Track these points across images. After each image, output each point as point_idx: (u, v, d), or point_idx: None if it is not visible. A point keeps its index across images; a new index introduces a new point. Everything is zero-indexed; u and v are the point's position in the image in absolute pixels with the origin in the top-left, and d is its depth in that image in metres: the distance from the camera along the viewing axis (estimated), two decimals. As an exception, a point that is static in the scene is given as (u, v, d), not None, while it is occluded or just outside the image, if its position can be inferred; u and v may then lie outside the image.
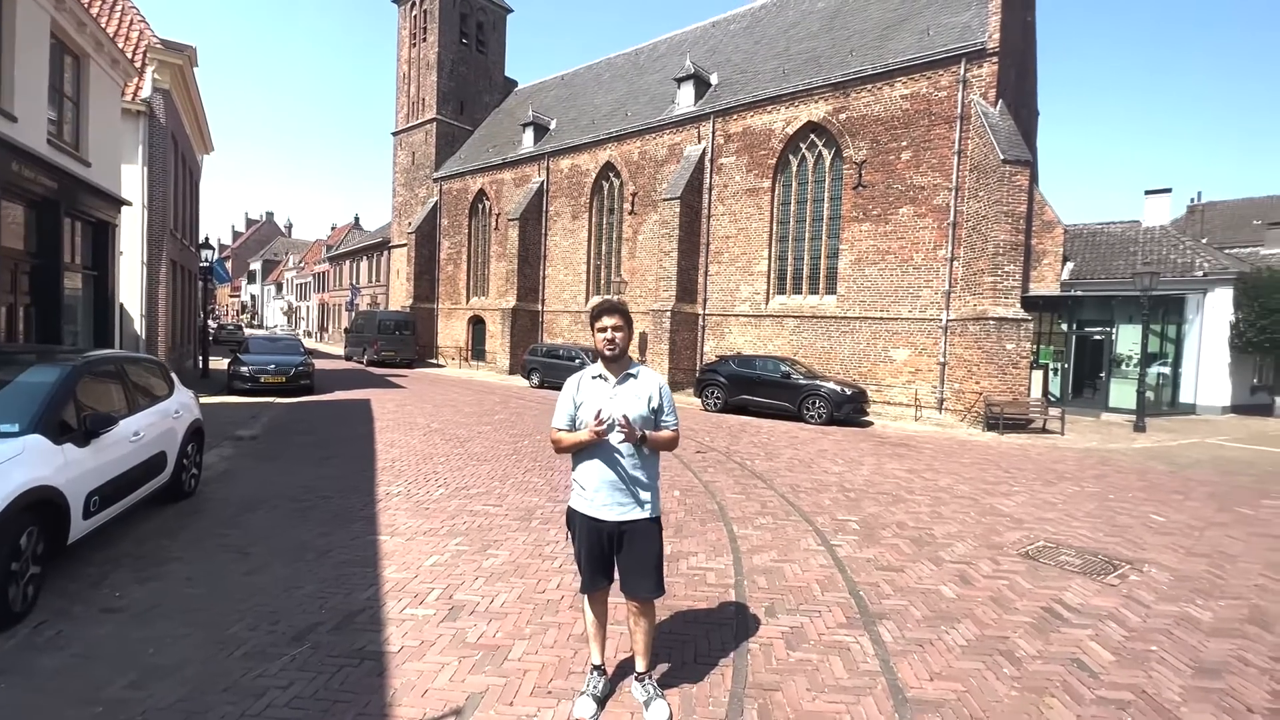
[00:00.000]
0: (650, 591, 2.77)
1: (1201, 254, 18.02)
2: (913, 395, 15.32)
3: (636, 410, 2.72)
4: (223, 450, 8.14)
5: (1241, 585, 4.61)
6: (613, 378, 2.80)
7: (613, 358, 2.78)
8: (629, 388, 2.78)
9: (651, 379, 2.83)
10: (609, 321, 2.75)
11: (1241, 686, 3.17)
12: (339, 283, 45.91)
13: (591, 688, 2.85)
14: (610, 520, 2.74)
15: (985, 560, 4.94)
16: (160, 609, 3.65)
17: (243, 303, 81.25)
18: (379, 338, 24.99)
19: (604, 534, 2.76)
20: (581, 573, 2.87)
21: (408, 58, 31.70)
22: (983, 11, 14.85)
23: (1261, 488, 8.23)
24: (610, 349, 2.76)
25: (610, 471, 2.73)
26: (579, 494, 2.82)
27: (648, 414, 2.75)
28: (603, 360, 2.82)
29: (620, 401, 2.73)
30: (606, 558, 2.82)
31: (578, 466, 2.84)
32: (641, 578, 2.76)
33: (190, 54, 14.51)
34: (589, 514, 2.77)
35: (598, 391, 2.79)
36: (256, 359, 14.72)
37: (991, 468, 9.00)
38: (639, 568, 2.76)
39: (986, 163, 13.99)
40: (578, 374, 2.91)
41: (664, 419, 2.81)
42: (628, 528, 2.75)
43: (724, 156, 19.25)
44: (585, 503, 2.78)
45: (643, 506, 2.76)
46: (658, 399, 2.79)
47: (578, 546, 2.86)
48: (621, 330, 2.76)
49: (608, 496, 2.73)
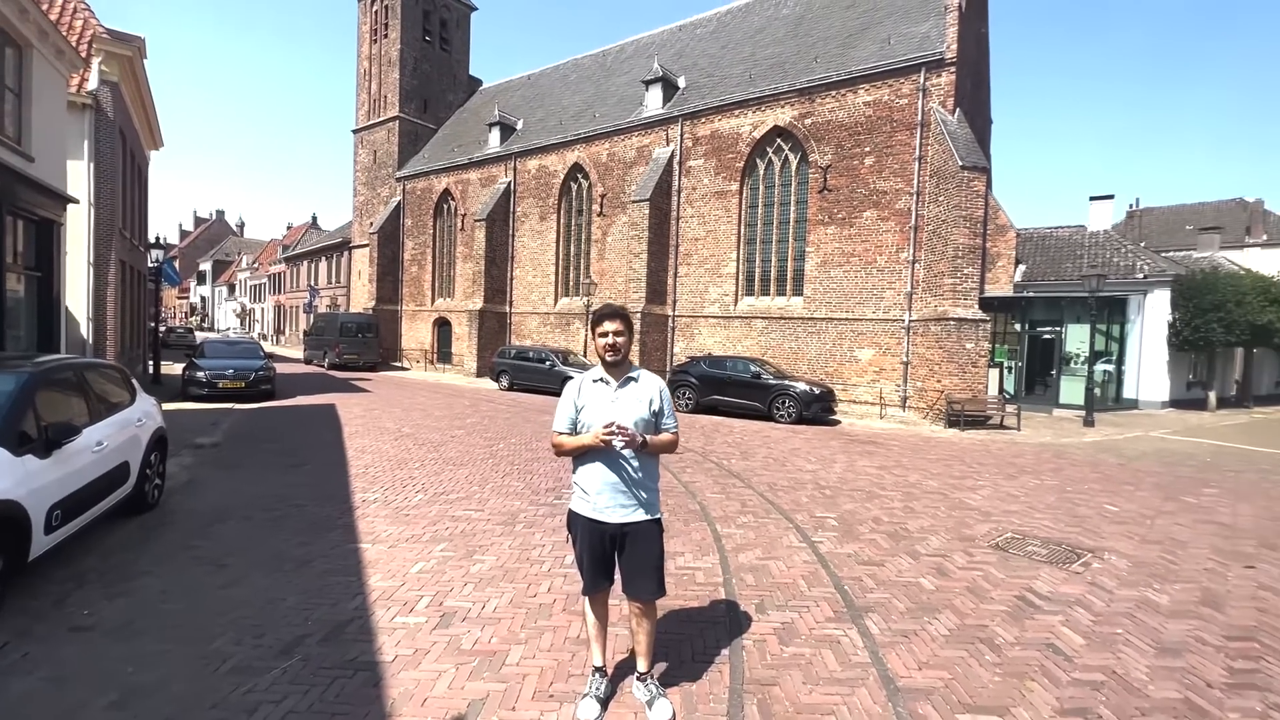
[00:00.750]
0: (652, 593, 2.81)
1: (1141, 257, 19.04)
2: (878, 394, 15.75)
3: (638, 414, 2.75)
4: (183, 459, 7.81)
5: (1193, 569, 4.91)
6: (614, 381, 2.82)
7: (614, 362, 2.80)
8: (630, 391, 2.81)
9: (652, 382, 2.87)
10: (610, 326, 2.77)
11: (1200, 664, 3.39)
12: (296, 284, 44.47)
13: (594, 689, 2.86)
14: (613, 522, 2.76)
15: (959, 552, 5.13)
16: (134, 626, 3.50)
17: (192, 305, 77.93)
18: (341, 340, 24.32)
19: (606, 536, 2.78)
20: (583, 575, 2.89)
21: (368, 54, 30.97)
22: (941, 23, 15.39)
23: (1202, 477, 8.77)
24: (611, 354, 2.78)
25: (612, 474, 2.75)
26: (581, 497, 2.83)
27: (649, 417, 2.79)
28: (604, 365, 2.84)
29: (622, 405, 2.75)
30: (608, 559, 2.84)
31: (579, 470, 2.84)
32: (644, 579, 2.79)
33: (139, 45, 13.88)
34: (591, 517, 2.78)
35: (599, 395, 2.81)
36: (213, 363, 14.17)
37: (956, 463, 9.34)
38: (641, 569, 2.79)
39: (946, 169, 14.50)
40: (579, 377, 2.93)
41: (664, 422, 2.85)
42: (630, 529, 2.77)
43: (692, 159, 19.42)
44: (587, 506, 2.79)
45: (645, 508, 2.79)
46: (659, 402, 2.83)
47: (579, 549, 2.87)
48: (623, 335, 2.78)
49: (610, 499, 2.75)
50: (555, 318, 23.24)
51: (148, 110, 16.52)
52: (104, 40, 12.50)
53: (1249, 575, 4.83)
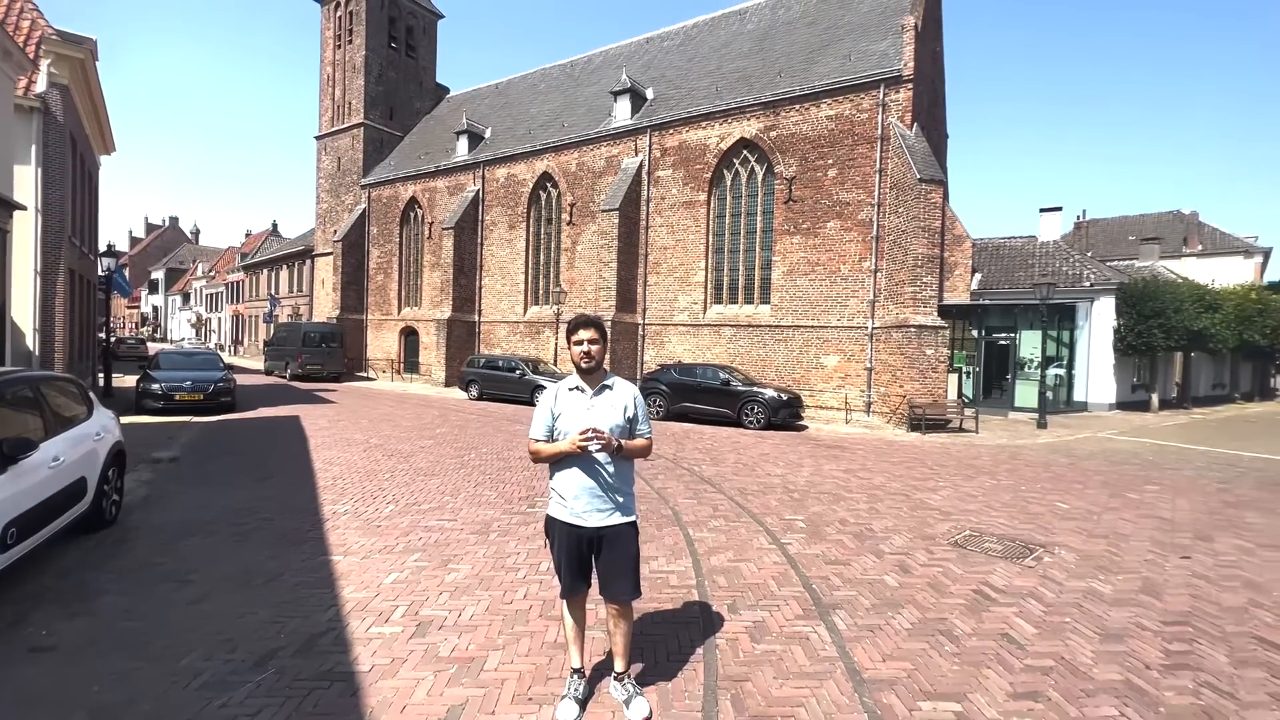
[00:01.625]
0: (629, 594, 2.89)
1: (1088, 267, 20.01)
2: (843, 399, 16.15)
3: (613, 420, 2.84)
4: (140, 474, 7.56)
5: (1134, 561, 5.22)
6: (590, 389, 2.90)
7: (588, 370, 2.89)
8: (605, 398, 2.89)
9: (626, 389, 2.96)
10: (585, 335, 2.85)
11: (1140, 648, 3.63)
12: (256, 293, 43.26)
13: (572, 690, 2.92)
14: (590, 526, 2.83)
15: (920, 550, 5.35)
16: (98, 645, 3.41)
17: (143, 315, 74.92)
18: (304, 350, 23.78)
19: (584, 540, 2.86)
20: (561, 579, 2.95)
21: (332, 59, 30.51)
22: (898, 41, 15.99)
23: (1145, 475, 9.27)
24: (586, 362, 2.86)
25: (589, 479, 2.83)
26: (558, 502, 2.90)
27: (624, 423, 2.88)
28: (579, 372, 2.93)
29: (597, 412, 2.84)
30: (585, 563, 2.91)
31: (556, 475, 2.91)
32: (621, 581, 2.87)
33: (90, 47, 13.43)
34: (569, 521, 2.85)
35: (575, 403, 2.89)
36: (169, 375, 13.72)
37: (918, 466, 9.66)
38: (618, 571, 2.87)
39: (905, 181, 15.04)
40: (554, 386, 3.00)
41: (639, 428, 2.94)
42: (606, 532, 2.85)
43: (661, 169, 19.68)
44: (565, 510, 2.87)
45: (621, 511, 2.87)
46: (633, 409, 2.92)
47: (557, 554, 2.94)
48: (597, 344, 2.87)
49: (587, 503, 2.83)
50: (525, 326, 23.17)
51: (99, 114, 15.97)
52: (53, 42, 12.09)
53: (1184, 565, 5.15)
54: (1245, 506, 7.38)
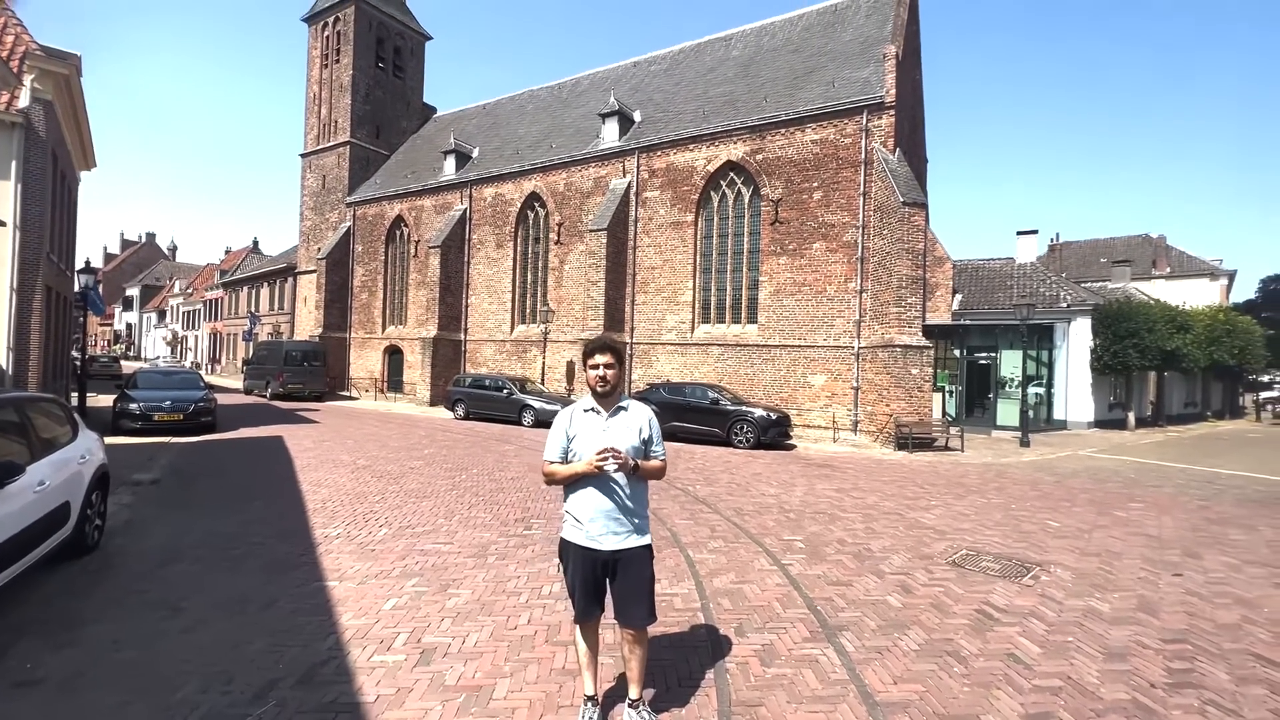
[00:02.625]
0: (644, 619, 2.85)
1: (1064, 288, 20.53)
2: (830, 418, 16.26)
3: (629, 442, 2.83)
4: (121, 498, 7.33)
5: (1128, 579, 5.29)
6: (605, 411, 2.90)
7: (604, 393, 2.89)
8: (620, 420, 2.89)
9: (642, 411, 2.96)
10: (601, 359, 2.86)
11: (1144, 666, 3.67)
12: (236, 310, 42.57)
13: (586, 718, 2.87)
14: (606, 549, 2.81)
15: (920, 570, 5.37)
16: (87, 678, 3.28)
17: (116, 332, 73.23)
18: (285, 369, 23.39)
19: (599, 563, 2.83)
20: (575, 603, 2.91)
21: (319, 78, 30.51)
22: (880, 69, 16.45)
23: (1129, 493, 9.44)
24: (602, 386, 2.86)
25: (605, 501, 2.81)
26: (573, 525, 2.87)
27: (639, 445, 2.87)
28: (594, 395, 2.92)
29: (613, 434, 2.83)
30: (600, 586, 2.88)
31: (571, 497, 2.90)
32: (636, 605, 2.83)
33: (75, 63, 13.29)
34: (584, 544, 2.83)
35: (591, 425, 2.88)
36: (148, 395, 13.41)
37: (909, 484, 9.74)
38: (633, 595, 2.84)
39: (888, 204, 15.37)
40: (569, 408, 3.00)
41: (653, 449, 2.94)
42: (622, 555, 2.83)
43: (648, 190, 19.89)
44: (580, 533, 2.84)
45: (636, 534, 2.86)
46: (648, 430, 2.92)
47: (571, 577, 2.91)
48: (613, 368, 2.87)
49: (603, 526, 2.81)
50: (512, 345, 23.06)
51: (82, 129, 15.75)
52: (38, 57, 11.93)
53: (1177, 582, 5.24)
54: (1228, 523, 7.54)
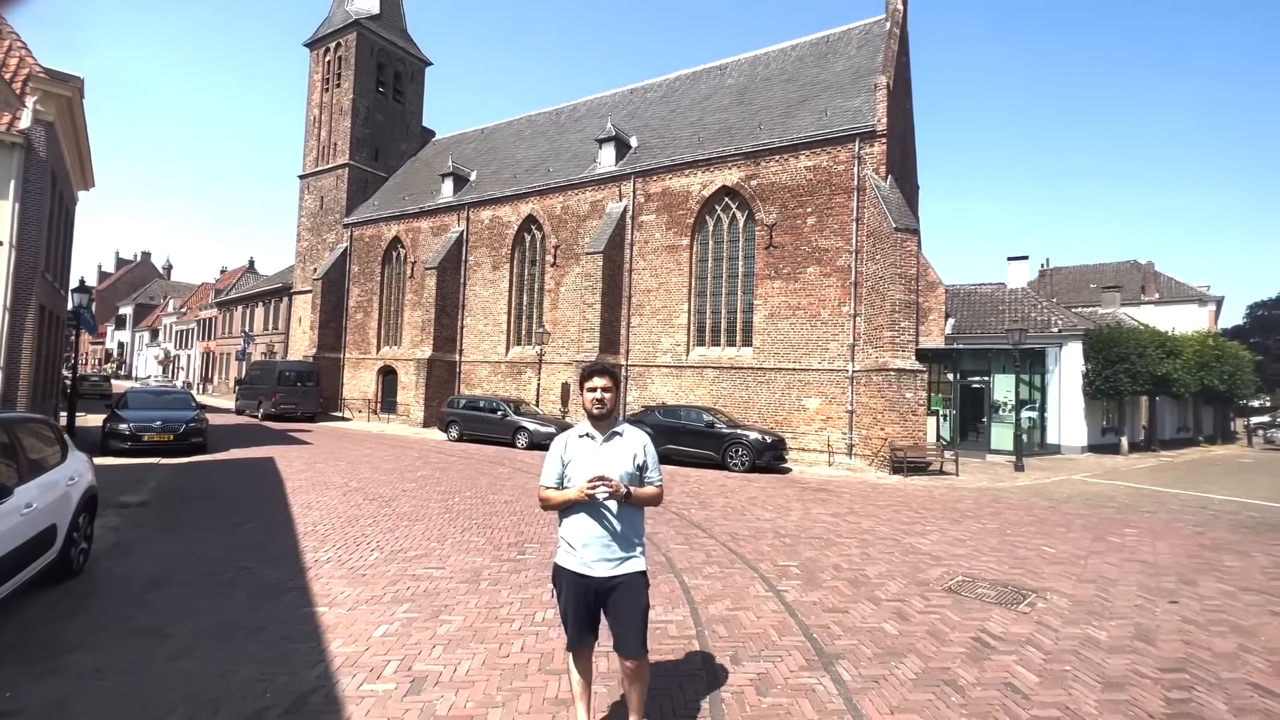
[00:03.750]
0: (635, 648, 2.79)
1: (1055, 313, 20.75)
2: (825, 442, 16.25)
3: (623, 467, 2.82)
4: (107, 519, 7.23)
5: (1125, 606, 5.27)
6: (600, 435, 2.90)
7: (600, 416, 2.89)
8: (615, 445, 2.89)
9: (636, 437, 2.96)
10: (599, 382, 2.86)
11: (1141, 696, 3.64)
12: (230, 330, 42.45)
13: (579, 751, 2.82)
14: (598, 576, 2.78)
15: (916, 597, 5.34)
16: (69, 707, 3.20)
17: (108, 351, 72.77)
18: (278, 389, 23.25)
19: (592, 590, 2.80)
20: (568, 631, 2.88)
21: (319, 102, 30.90)
22: (871, 99, 16.82)
23: (1124, 518, 9.44)
24: (599, 408, 2.86)
25: (598, 528, 2.79)
26: (567, 551, 2.85)
27: (633, 471, 2.85)
28: (590, 419, 2.93)
29: (607, 459, 2.82)
30: (593, 614, 2.85)
31: (565, 523, 2.88)
32: (629, 633, 2.79)
33: (78, 85, 13.43)
34: (577, 571, 2.80)
35: (585, 450, 2.88)
36: (138, 415, 13.29)
37: (904, 509, 9.71)
38: (625, 623, 2.79)
39: (881, 230, 15.58)
40: (565, 433, 3.00)
41: (648, 475, 2.91)
42: (615, 583, 2.79)
43: (644, 214, 20.11)
44: (573, 559, 2.81)
45: (630, 561, 2.82)
46: (642, 456, 2.91)
47: (564, 604, 2.87)
48: (610, 391, 2.88)
49: (596, 552, 2.78)
50: (507, 367, 23.05)
51: (82, 150, 15.86)
52: (40, 79, 12.07)
53: (1173, 610, 5.22)
54: (1222, 549, 7.54)
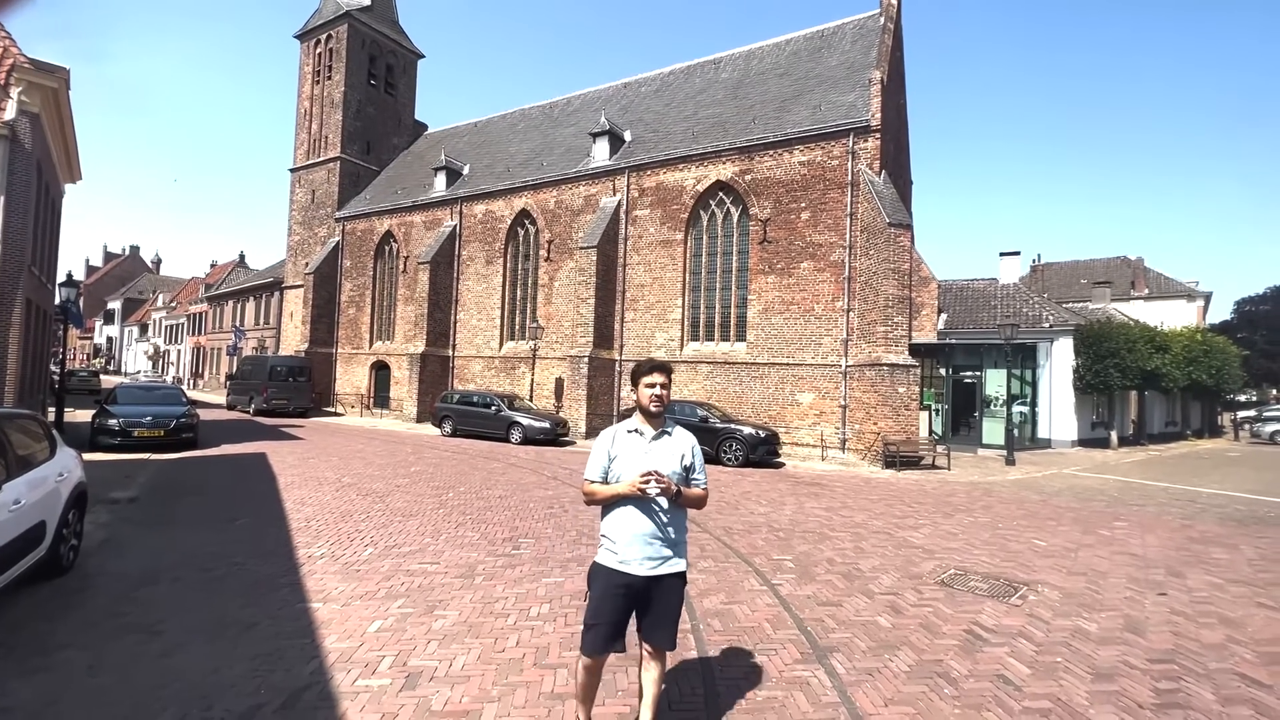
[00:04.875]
0: (667, 643, 2.80)
1: (1047, 308, 20.88)
2: (818, 436, 16.31)
3: (671, 466, 2.77)
4: (97, 516, 7.16)
5: (1115, 598, 5.33)
6: (649, 433, 2.85)
7: (657, 414, 2.85)
8: (664, 444, 2.84)
9: (685, 438, 2.91)
10: (658, 379, 2.81)
11: (1131, 687, 3.69)
12: (220, 325, 42.11)
13: (574, 754, 2.78)
14: (641, 575, 2.72)
15: (909, 590, 5.38)
16: (60, 706, 3.18)
17: (96, 345, 72.06)
18: (270, 384, 23.09)
19: (632, 590, 2.73)
20: (594, 634, 2.75)
21: (310, 94, 30.59)
22: (865, 94, 16.81)
23: (1113, 511, 9.54)
24: (657, 405, 2.81)
25: (645, 524, 2.73)
26: (609, 549, 2.78)
27: (680, 471, 2.80)
28: (644, 416, 2.87)
29: (655, 457, 2.77)
30: (626, 617, 2.78)
31: (608, 519, 2.81)
32: (663, 630, 2.78)
33: (64, 76, 13.24)
34: (622, 569, 2.73)
35: (633, 446, 2.82)
36: (128, 410, 13.17)
37: (897, 503, 9.77)
38: (662, 620, 2.78)
39: (874, 225, 15.61)
40: (612, 428, 2.94)
41: (694, 477, 2.87)
42: (656, 582, 2.75)
43: (638, 209, 20.05)
44: (615, 558, 2.75)
45: (672, 561, 2.79)
46: (690, 457, 2.86)
47: (595, 606, 2.77)
48: (668, 388, 2.85)
49: (640, 550, 2.72)
50: (500, 361, 22.98)
51: (68, 142, 15.64)
52: (26, 70, 11.87)
53: (1162, 602, 5.29)
54: (1210, 542, 7.64)
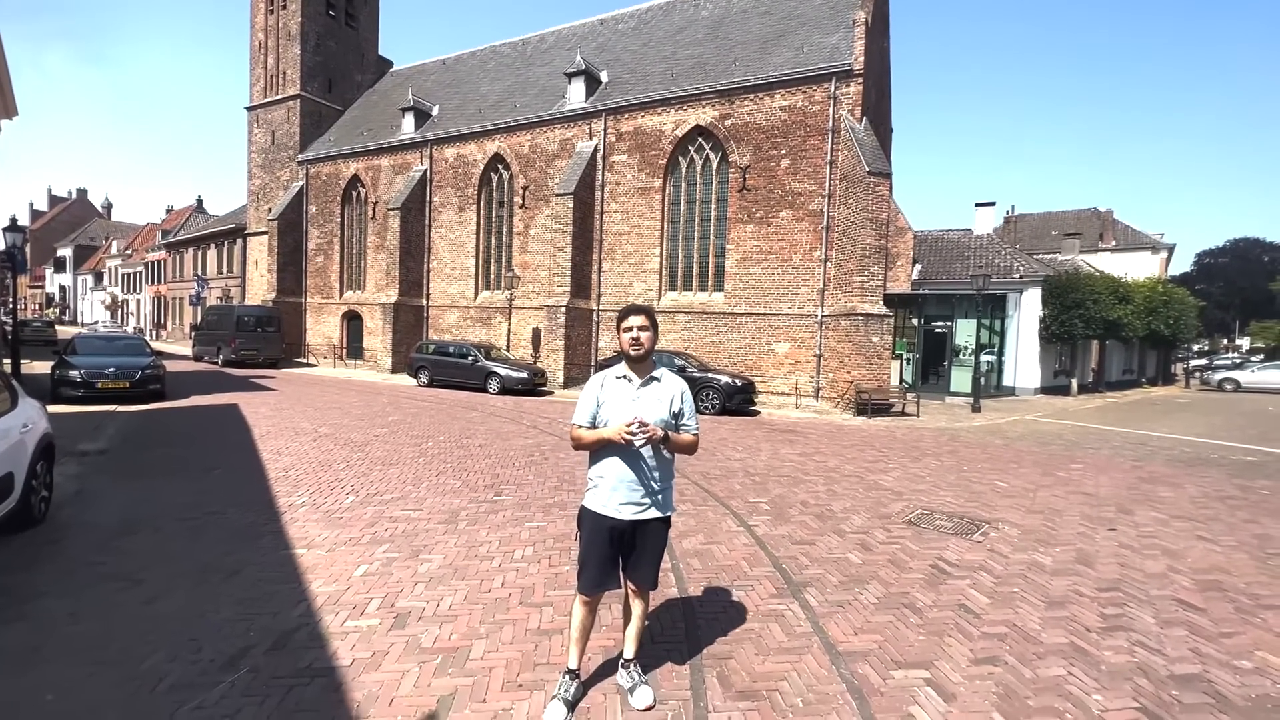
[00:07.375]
0: (649, 582, 2.89)
1: (1018, 259, 21.21)
2: (793, 385, 16.62)
3: (659, 413, 2.77)
4: (66, 468, 7.01)
5: (1069, 534, 5.65)
6: (637, 379, 2.83)
7: (638, 358, 2.81)
8: (652, 390, 2.83)
9: (674, 383, 2.90)
10: (635, 322, 2.78)
11: (1080, 613, 3.96)
12: (180, 273, 40.53)
13: (563, 691, 2.82)
14: (627, 519, 2.78)
15: (878, 529, 5.62)
16: (44, 651, 3.19)
17: (49, 295, 68.96)
18: (238, 335, 22.51)
19: (617, 532, 2.79)
20: (586, 574, 2.83)
21: (264, 25, 28.62)
22: (849, 35, 16.36)
23: (1070, 454, 10.00)
24: (636, 349, 2.78)
25: (629, 470, 2.76)
26: (594, 493, 2.83)
27: (669, 418, 2.80)
28: (627, 361, 2.85)
29: (643, 404, 2.77)
30: (614, 558, 2.84)
31: (595, 465, 2.84)
32: (646, 569, 2.86)
33: (-12, -2, 12.14)
34: (605, 513, 2.78)
35: (621, 392, 2.82)
36: (89, 360, 12.74)
37: (868, 449, 10.09)
38: (644, 560, 2.86)
39: (854, 173, 15.48)
40: (600, 373, 2.93)
41: (685, 423, 2.87)
42: (641, 526, 2.81)
43: (616, 154, 19.53)
44: (601, 502, 2.80)
45: (658, 507, 2.83)
46: (679, 403, 2.86)
47: (585, 547, 2.85)
48: (647, 330, 2.79)
49: (626, 495, 2.76)
50: (476, 311, 22.67)
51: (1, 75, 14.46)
52: (-56, -10, 10.84)
53: (1111, 536, 5.63)
54: (1157, 482, 8.09)
